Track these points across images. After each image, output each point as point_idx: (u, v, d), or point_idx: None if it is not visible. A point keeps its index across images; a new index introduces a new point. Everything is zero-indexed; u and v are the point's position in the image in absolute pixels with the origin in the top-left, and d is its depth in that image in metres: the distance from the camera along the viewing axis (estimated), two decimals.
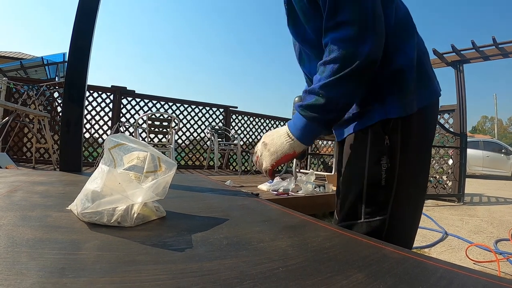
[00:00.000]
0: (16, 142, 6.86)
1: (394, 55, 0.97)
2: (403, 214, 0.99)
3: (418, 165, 1.03)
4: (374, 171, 0.95)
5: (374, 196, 0.96)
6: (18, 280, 0.37)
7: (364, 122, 0.99)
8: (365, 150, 0.98)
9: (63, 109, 1.88)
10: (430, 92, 1.03)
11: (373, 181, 0.96)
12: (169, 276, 0.42)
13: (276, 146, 0.97)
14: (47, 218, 0.69)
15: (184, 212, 0.84)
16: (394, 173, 0.95)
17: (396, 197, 0.95)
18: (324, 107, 0.89)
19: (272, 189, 4.26)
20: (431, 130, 1.10)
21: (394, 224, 0.95)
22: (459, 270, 0.51)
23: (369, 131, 0.98)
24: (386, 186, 0.95)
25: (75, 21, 1.81)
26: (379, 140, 0.96)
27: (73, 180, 1.37)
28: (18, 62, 15.17)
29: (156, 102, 8.13)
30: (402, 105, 0.95)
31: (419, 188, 1.05)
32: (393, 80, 0.97)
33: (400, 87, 0.96)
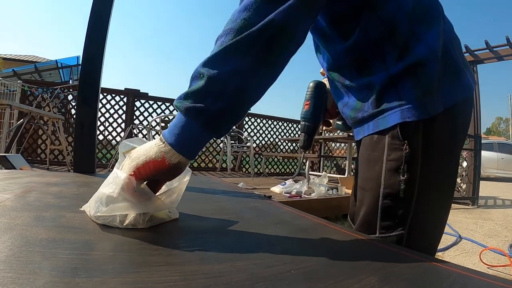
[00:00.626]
0: (30, 143, 6.96)
1: (412, 45, 0.84)
2: (424, 228, 0.87)
3: (443, 173, 0.89)
4: (392, 181, 0.84)
5: (391, 209, 0.84)
6: (31, 279, 0.38)
7: (379, 124, 0.87)
8: (381, 156, 0.87)
9: (77, 112, 1.89)
10: (460, 87, 0.89)
11: (390, 192, 0.84)
12: (181, 278, 0.42)
13: (140, 151, 0.69)
14: (61, 218, 0.69)
15: (197, 214, 0.84)
16: (415, 184, 0.83)
17: (416, 211, 0.83)
18: (206, 90, 0.65)
19: (284, 192, 4.25)
20: (462, 132, 0.94)
21: (412, 240, 0.84)
22: (473, 274, 0.50)
23: (385, 134, 0.86)
24: (404, 199, 0.83)
25: (88, 24, 1.82)
26: (397, 146, 0.84)
27: (86, 182, 1.38)
28: (33, 65, 15.43)
29: (169, 104, 8.19)
30: (422, 105, 0.82)
31: (443, 199, 0.92)
32: (411, 75, 0.83)
33: (419, 83, 0.83)
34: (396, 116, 0.84)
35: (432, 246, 0.92)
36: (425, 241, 0.89)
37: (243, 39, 0.64)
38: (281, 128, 10.46)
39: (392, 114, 0.85)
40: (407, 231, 0.83)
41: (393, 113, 0.84)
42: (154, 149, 0.67)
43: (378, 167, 0.87)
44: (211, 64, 0.65)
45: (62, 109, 7.29)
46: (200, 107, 0.64)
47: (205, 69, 0.65)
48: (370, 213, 0.88)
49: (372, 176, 0.89)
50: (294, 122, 10.68)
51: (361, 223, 0.91)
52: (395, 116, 0.84)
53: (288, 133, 10.70)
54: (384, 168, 0.85)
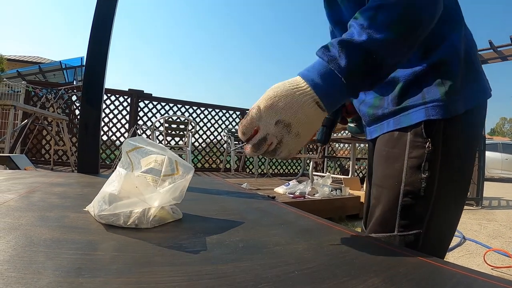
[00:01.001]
0: (34, 144, 6.98)
1: (438, 44, 0.84)
2: (440, 228, 0.86)
3: (460, 174, 0.88)
4: (413, 178, 0.83)
5: (411, 207, 0.83)
6: (35, 279, 0.38)
7: (402, 121, 0.87)
8: (403, 153, 0.85)
9: (81, 112, 1.90)
10: (479, 91, 0.89)
11: (411, 190, 0.83)
12: (184, 278, 0.42)
13: (307, 126, 0.67)
14: (65, 218, 0.69)
15: (200, 215, 0.84)
16: (434, 182, 0.82)
17: (433, 210, 0.83)
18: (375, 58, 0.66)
19: (288, 192, 4.25)
20: (477, 136, 0.93)
21: (429, 240, 0.83)
22: (477, 275, 0.50)
23: (408, 131, 0.85)
24: (424, 197, 0.82)
25: (92, 26, 1.83)
26: (420, 144, 0.83)
27: (90, 182, 1.38)
28: (37, 66, 15.49)
29: (172, 105, 8.22)
30: (446, 104, 0.81)
31: (458, 201, 0.91)
32: (435, 74, 0.83)
33: (443, 83, 0.82)
34: (421, 113, 0.83)
35: (444, 247, 0.92)
36: (439, 241, 0.88)
37: (415, 23, 0.69)
38: None
39: (416, 112, 0.84)
40: (424, 230, 0.83)
41: (417, 110, 0.84)
42: (305, 99, 0.65)
43: (398, 164, 0.86)
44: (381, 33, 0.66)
45: (66, 109, 7.32)
46: (350, 77, 0.66)
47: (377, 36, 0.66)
48: (389, 211, 0.87)
49: (392, 173, 0.87)
50: None
51: (379, 221, 0.89)
52: (420, 114, 0.83)
53: None
54: (405, 165, 0.84)
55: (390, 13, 0.67)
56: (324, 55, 0.68)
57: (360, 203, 4.64)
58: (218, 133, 8.94)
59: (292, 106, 0.65)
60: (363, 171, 10.04)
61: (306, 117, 0.66)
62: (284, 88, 0.66)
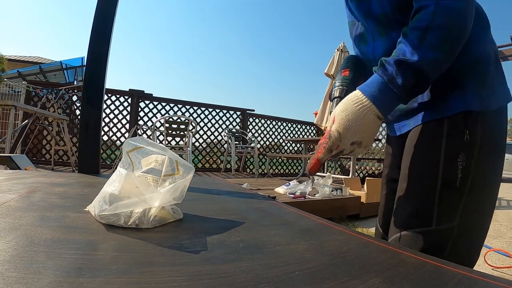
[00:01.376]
0: (35, 144, 6.99)
1: (471, 44, 0.85)
2: (472, 223, 0.85)
3: (492, 170, 0.88)
4: (450, 169, 0.83)
5: (446, 199, 0.83)
6: (35, 279, 0.38)
7: (440, 111, 0.88)
8: (439, 143, 0.86)
9: (81, 112, 1.90)
10: (506, 92, 0.91)
11: (448, 181, 0.83)
12: (184, 278, 0.42)
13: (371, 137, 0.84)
14: (65, 218, 0.69)
15: (201, 215, 0.84)
16: (469, 174, 0.83)
17: (466, 203, 0.83)
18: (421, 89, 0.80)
19: (289, 192, 4.25)
20: (505, 136, 0.92)
21: (461, 234, 0.83)
22: (477, 275, 0.50)
23: (445, 121, 0.86)
24: (459, 188, 0.82)
25: (93, 25, 1.83)
26: (459, 134, 0.84)
27: (91, 182, 1.38)
28: (37, 67, 15.51)
29: (173, 105, 8.23)
30: (483, 98, 0.84)
31: (490, 197, 0.89)
32: (471, 71, 0.86)
33: (479, 78, 0.86)
34: (460, 103, 0.85)
35: (476, 248, 0.89)
36: (472, 238, 0.87)
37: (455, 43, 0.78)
38: (285, 129, 10.46)
39: (455, 101, 0.85)
40: (457, 224, 0.83)
41: (456, 100, 0.85)
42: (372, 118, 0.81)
43: (435, 154, 0.86)
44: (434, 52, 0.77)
45: (66, 110, 7.32)
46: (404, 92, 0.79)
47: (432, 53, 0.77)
48: (424, 203, 0.86)
49: (428, 165, 0.87)
50: (298, 123, 10.68)
51: (411, 215, 0.88)
52: (459, 104, 0.85)
53: (292, 134, 10.70)
54: (442, 155, 0.85)
55: (437, 35, 0.76)
56: (384, 74, 0.80)
57: (360, 203, 4.64)
58: (218, 133, 8.95)
59: (361, 128, 0.81)
60: (364, 171, 10.04)
61: (371, 132, 0.83)
62: (352, 110, 0.82)
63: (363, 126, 0.81)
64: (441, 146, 0.85)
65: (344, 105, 0.84)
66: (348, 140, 0.82)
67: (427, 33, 0.77)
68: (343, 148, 0.84)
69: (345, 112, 0.82)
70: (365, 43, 1.08)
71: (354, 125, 0.81)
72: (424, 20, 0.78)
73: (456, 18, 0.77)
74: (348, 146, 0.83)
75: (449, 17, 0.77)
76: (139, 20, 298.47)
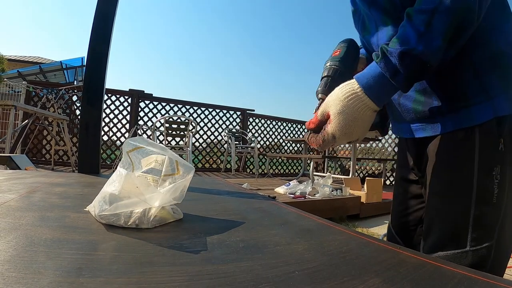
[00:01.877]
0: (35, 144, 6.99)
1: (492, 34, 0.78)
2: (508, 237, 0.79)
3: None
4: (486, 185, 0.75)
5: (483, 218, 0.75)
6: (36, 279, 0.38)
7: (467, 118, 0.79)
8: (471, 156, 0.77)
9: (81, 112, 1.90)
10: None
11: (484, 198, 0.75)
12: (185, 278, 0.42)
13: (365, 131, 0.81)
14: (65, 218, 0.69)
15: (201, 215, 0.84)
16: (505, 187, 0.75)
17: (504, 218, 0.76)
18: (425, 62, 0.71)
19: (289, 192, 4.26)
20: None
21: (499, 252, 0.77)
22: (478, 276, 0.50)
23: (476, 130, 0.77)
24: (496, 205, 0.75)
25: (93, 25, 1.83)
26: (493, 144, 0.76)
27: (91, 182, 1.38)
28: (37, 67, 15.52)
29: (173, 105, 8.23)
30: (510, 98, 0.76)
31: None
32: (494, 65, 0.77)
33: (505, 75, 0.77)
34: (488, 110, 0.76)
35: (508, 256, 0.82)
36: (507, 252, 0.81)
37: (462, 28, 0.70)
38: (285, 129, 10.47)
39: (482, 109, 0.77)
40: (495, 242, 0.76)
41: (483, 107, 0.77)
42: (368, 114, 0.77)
43: (467, 169, 0.78)
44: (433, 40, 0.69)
45: (66, 110, 7.32)
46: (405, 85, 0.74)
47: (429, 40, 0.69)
48: (460, 224, 0.78)
49: (461, 181, 0.79)
50: (298, 123, 10.69)
51: (448, 236, 0.81)
52: (486, 111, 0.77)
53: (292, 134, 10.71)
54: (476, 169, 0.77)
55: (445, 20, 0.68)
56: (386, 68, 0.74)
57: (360, 203, 4.65)
58: (218, 133, 8.95)
59: (357, 128, 0.78)
60: (364, 171, 10.04)
61: (366, 127, 0.80)
62: (350, 112, 0.77)
63: (360, 125, 0.78)
64: (474, 160, 0.77)
65: (341, 104, 0.78)
66: (344, 141, 0.81)
67: (434, 18, 0.69)
68: (338, 144, 0.84)
69: (342, 116, 0.77)
70: (368, 33, 1.00)
71: (351, 128, 0.78)
72: (431, 2, 0.70)
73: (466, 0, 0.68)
74: (343, 144, 0.81)
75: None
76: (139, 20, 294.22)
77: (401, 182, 1.10)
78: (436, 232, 0.83)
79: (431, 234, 0.84)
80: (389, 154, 9.77)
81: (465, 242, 0.76)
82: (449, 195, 0.81)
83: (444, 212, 0.82)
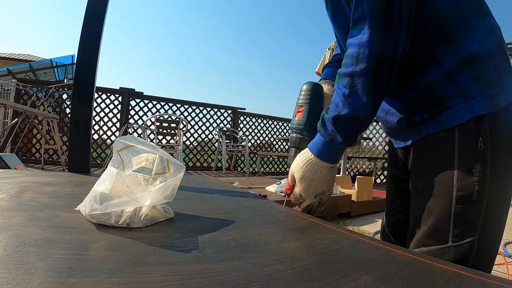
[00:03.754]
0: (25, 143, 6.94)
1: (467, 38, 0.81)
2: (491, 233, 0.82)
3: (507, 173, 0.84)
4: (466, 182, 0.78)
5: (464, 214, 0.78)
6: (26, 280, 0.37)
7: (443, 122, 0.83)
8: (451, 155, 0.81)
9: (71, 111, 1.89)
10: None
11: (465, 195, 0.78)
12: (176, 277, 0.42)
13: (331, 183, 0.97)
14: (56, 218, 0.69)
15: (192, 214, 0.84)
16: (486, 184, 0.78)
17: (486, 214, 0.79)
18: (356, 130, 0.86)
19: (280, 191, 4.26)
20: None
21: (482, 247, 0.79)
22: (468, 273, 0.50)
23: (456, 131, 0.81)
24: (477, 201, 0.78)
25: (83, 23, 1.82)
26: (471, 143, 0.79)
27: (81, 181, 1.37)
28: (27, 64, 15.36)
29: (164, 103, 8.21)
30: (488, 98, 0.79)
31: (506, 202, 0.86)
32: (468, 68, 0.80)
33: (479, 77, 0.80)
34: (465, 111, 0.80)
35: (495, 251, 0.86)
36: (491, 246, 0.84)
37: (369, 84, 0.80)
38: (276, 127, 10.49)
39: (459, 110, 0.81)
40: (477, 237, 0.79)
41: (460, 108, 0.80)
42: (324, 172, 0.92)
43: (448, 168, 0.81)
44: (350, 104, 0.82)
45: (56, 108, 7.27)
46: (347, 142, 0.87)
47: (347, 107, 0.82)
48: (442, 221, 0.81)
49: (442, 179, 0.82)
50: (289, 122, 10.68)
51: (430, 232, 0.83)
52: (463, 112, 0.80)
53: (283, 133, 10.74)
54: (456, 168, 0.80)
55: (364, 80, 0.79)
56: (326, 134, 0.88)
57: (351, 202, 4.67)
58: (209, 132, 8.94)
59: (319, 184, 0.93)
60: (354, 169, 10.08)
61: (330, 180, 0.95)
62: (308, 173, 0.93)
63: (321, 181, 0.93)
64: (454, 159, 0.80)
65: (301, 169, 0.94)
66: (311, 196, 0.95)
67: (355, 80, 0.80)
68: (309, 202, 0.97)
69: (303, 179, 0.93)
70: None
71: (312, 187, 0.93)
72: (350, 65, 0.81)
73: (381, 52, 0.78)
74: (313, 199, 0.96)
75: (371, 57, 0.78)
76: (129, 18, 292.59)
77: (392, 181, 1.13)
78: (419, 229, 0.86)
79: (416, 231, 0.88)
80: (380, 153, 9.84)
81: (447, 238, 0.80)
82: (432, 193, 0.84)
83: (427, 209, 0.85)
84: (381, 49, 0.77)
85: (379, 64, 0.78)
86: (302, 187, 0.94)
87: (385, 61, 0.78)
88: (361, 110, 0.82)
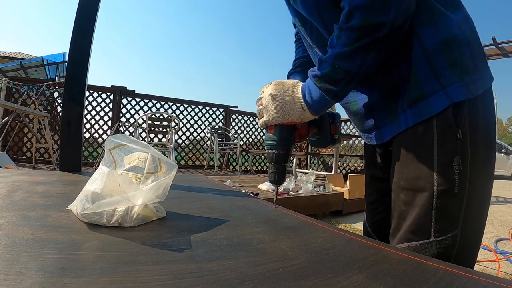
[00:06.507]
0: (16, 142, 6.87)
1: (440, 21, 0.80)
2: (473, 226, 0.82)
3: (486, 163, 0.84)
4: (446, 176, 0.77)
5: (446, 208, 0.77)
6: (18, 280, 0.37)
7: (423, 111, 0.80)
8: (431, 149, 0.79)
9: (63, 109, 1.88)
10: (489, 73, 0.85)
11: (445, 189, 0.77)
12: (169, 277, 0.42)
13: (285, 108, 0.87)
14: (47, 218, 0.69)
15: (184, 213, 0.84)
16: (466, 176, 0.77)
17: (467, 207, 0.78)
18: (342, 80, 0.79)
19: (272, 189, 4.26)
20: (494, 120, 0.87)
21: (465, 240, 0.78)
22: (459, 270, 0.51)
23: (434, 123, 0.79)
24: (458, 195, 0.77)
25: (75, 20, 1.81)
26: (450, 135, 0.77)
27: (73, 180, 1.37)
28: (18, 62, 15.20)
29: (156, 102, 8.16)
30: (465, 84, 0.77)
31: (486, 195, 0.86)
32: (446, 54, 0.78)
33: (456, 63, 0.78)
34: (442, 98, 0.78)
35: (478, 244, 0.86)
36: (474, 240, 0.84)
37: (370, 41, 0.75)
38: None
39: (437, 98, 0.78)
40: (460, 231, 0.78)
41: (438, 96, 0.78)
42: (296, 114, 0.88)
43: (428, 162, 0.79)
44: (344, 59, 0.78)
45: (48, 106, 7.21)
46: (336, 90, 0.82)
47: (339, 62, 0.78)
48: (423, 216, 0.80)
49: (422, 174, 0.80)
50: None
51: (412, 228, 0.82)
52: (441, 99, 0.78)
53: None
54: (436, 163, 0.78)
55: (348, 35, 0.76)
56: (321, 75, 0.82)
57: (343, 199, 4.68)
58: (201, 130, 8.92)
59: (284, 94, 0.88)
60: (346, 167, 10.11)
61: (289, 111, 0.88)
62: (287, 98, 0.88)
63: (287, 106, 0.88)
64: (433, 153, 0.79)
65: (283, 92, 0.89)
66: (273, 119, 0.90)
67: (341, 33, 0.78)
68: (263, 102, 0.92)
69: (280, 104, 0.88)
70: (313, 50, 1.06)
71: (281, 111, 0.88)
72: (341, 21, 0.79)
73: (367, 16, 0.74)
74: (267, 96, 0.91)
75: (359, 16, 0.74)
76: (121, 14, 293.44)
77: (371, 181, 1.12)
78: (402, 225, 0.85)
79: (398, 227, 0.87)
80: None
81: (429, 233, 0.79)
82: (413, 188, 0.83)
83: (409, 205, 0.84)
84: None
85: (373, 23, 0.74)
86: (274, 106, 0.89)
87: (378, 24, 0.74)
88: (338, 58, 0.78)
